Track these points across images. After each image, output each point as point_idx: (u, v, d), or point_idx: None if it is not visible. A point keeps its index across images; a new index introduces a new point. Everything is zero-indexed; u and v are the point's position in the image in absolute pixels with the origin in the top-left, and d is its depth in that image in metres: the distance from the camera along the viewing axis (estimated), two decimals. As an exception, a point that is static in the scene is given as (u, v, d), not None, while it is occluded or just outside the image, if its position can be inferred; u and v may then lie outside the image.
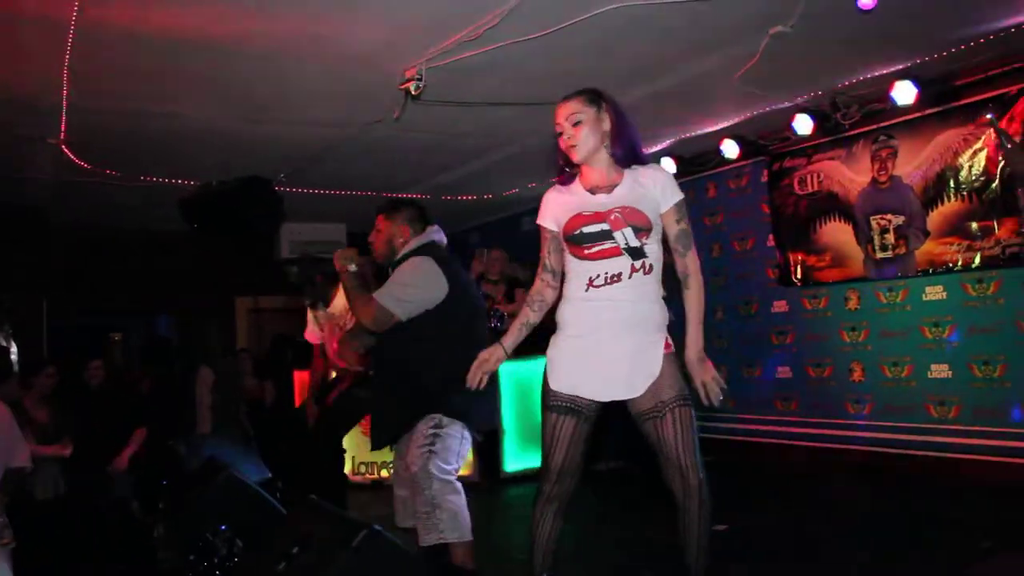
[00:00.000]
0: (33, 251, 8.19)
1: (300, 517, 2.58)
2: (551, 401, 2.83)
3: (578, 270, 2.84)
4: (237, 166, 6.63)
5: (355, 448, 6.82)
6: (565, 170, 2.91)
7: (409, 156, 6.92)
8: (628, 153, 2.86)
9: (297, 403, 7.52)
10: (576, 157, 2.82)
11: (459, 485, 3.51)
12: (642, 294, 2.80)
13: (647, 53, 4.85)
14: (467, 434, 3.61)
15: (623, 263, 2.78)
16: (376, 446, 3.72)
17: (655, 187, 2.86)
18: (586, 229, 2.78)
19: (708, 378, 2.80)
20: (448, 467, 3.47)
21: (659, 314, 2.85)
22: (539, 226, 2.96)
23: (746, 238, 7.22)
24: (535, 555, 2.86)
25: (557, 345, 2.89)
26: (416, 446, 3.47)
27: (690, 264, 2.88)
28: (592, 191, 2.85)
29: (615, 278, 2.77)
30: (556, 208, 2.89)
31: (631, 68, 5.08)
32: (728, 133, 6.62)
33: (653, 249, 2.81)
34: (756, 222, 7.09)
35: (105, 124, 5.58)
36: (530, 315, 2.97)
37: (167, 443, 5.02)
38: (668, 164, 7.24)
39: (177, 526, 3.43)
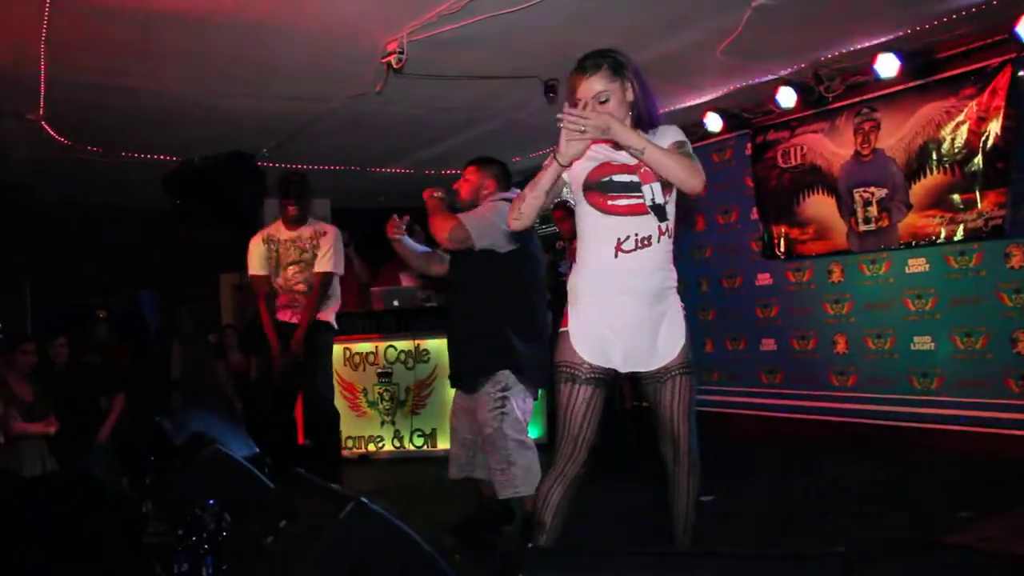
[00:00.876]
0: (15, 230, 8.12)
1: (287, 490, 2.59)
2: (572, 371, 2.71)
3: (602, 228, 2.70)
4: (219, 141, 6.60)
5: (342, 423, 6.83)
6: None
7: (392, 131, 6.88)
8: (649, 120, 2.76)
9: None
10: (602, 136, 2.64)
11: (531, 441, 3.81)
12: (666, 259, 2.77)
13: (629, 25, 4.83)
14: (529, 392, 3.87)
15: (650, 224, 2.69)
16: (454, 384, 4.06)
17: (664, 137, 2.75)
18: (616, 177, 2.68)
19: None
20: (520, 426, 3.77)
21: (675, 279, 2.82)
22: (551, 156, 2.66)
23: (730, 211, 7.24)
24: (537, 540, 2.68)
25: (577, 314, 2.75)
26: (487, 409, 3.75)
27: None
28: (615, 147, 2.71)
29: (645, 242, 2.68)
30: (581, 161, 2.70)
31: (613, 40, 4.98)
32: (711, 106, 6.62)
33: (672, 210, 2.74)
34: (740, 195, 7.10)
35: (85, 99, 5.53)
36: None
37: (153, 418, 5.01)
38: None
39: (165, 501, 3.44)
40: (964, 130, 5.39)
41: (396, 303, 6.92)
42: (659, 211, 2.69)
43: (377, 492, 5.05)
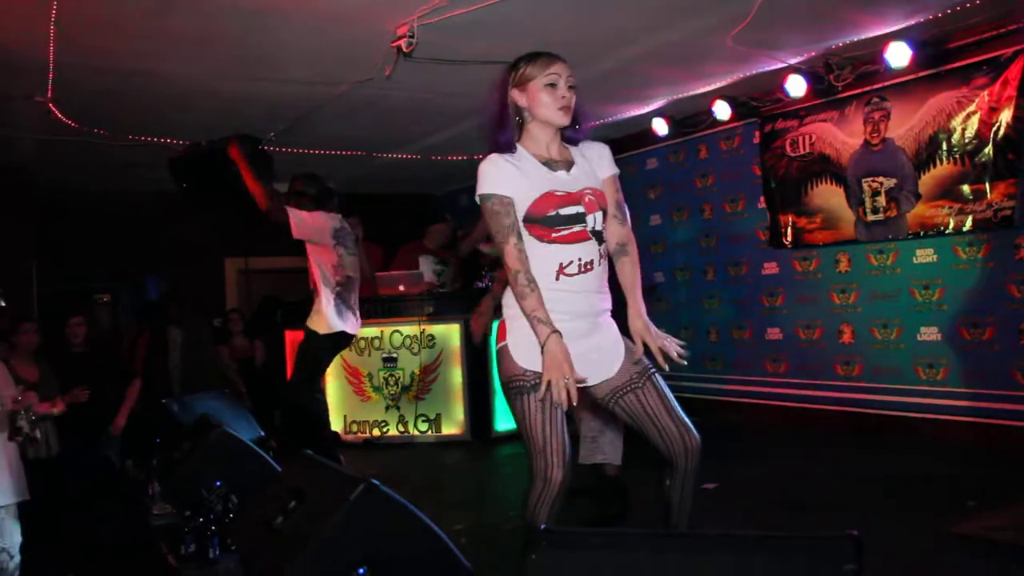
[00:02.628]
0: (21, 214, 8.13)
1: (296, 472, 2.60)
2: (520, 383, 2.60)
3: (542, 255, 2.59)
4: (226, 125, 6.57)
5: (347, 407, 6.87)
6: (503, 136, 2.66)
7: (400, 116, 6.87)
8: (579, 131, 2.75)
9: (288, 363, 7.55)
10: (566, 120, 2.64)
11: None
12: (604, 281, 2.71)
13: (639, 12, 4.81)
14: None
15: (592, 249, 2.63)
16: None
17: (600, 161, 2.76)
18: (562, 211, 2.58)
19: (664, 340, 2.66)
20: None
21: (610, 301, 2.76)
22: (491, 196, 2.58)
23: (737, 200, 7.22)
24: None
25: (512, 329, 2.66)
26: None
27: (629, 233, 2.79)
28: (548, 165, 2.65)
29: (588, 266, 2.62)
30: (517, 180, 2.59)
31: (623, 27, 5.04)
32: (720, 94, 6.59)
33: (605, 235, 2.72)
34: (747, 184, 7.08)
35: (93, 82, 5.52)
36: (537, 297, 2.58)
37: (161, 401, 5.02)
38: (660, 125, 7.23)
39: (171, 483, 3.45)
40: (975, 120, 5.36)
41: (402, 288, 6.92)
42: (599, 237, 2.66)
43: (382, 476, 5.06)
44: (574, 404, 2.44)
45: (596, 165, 2.74)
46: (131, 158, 7.50)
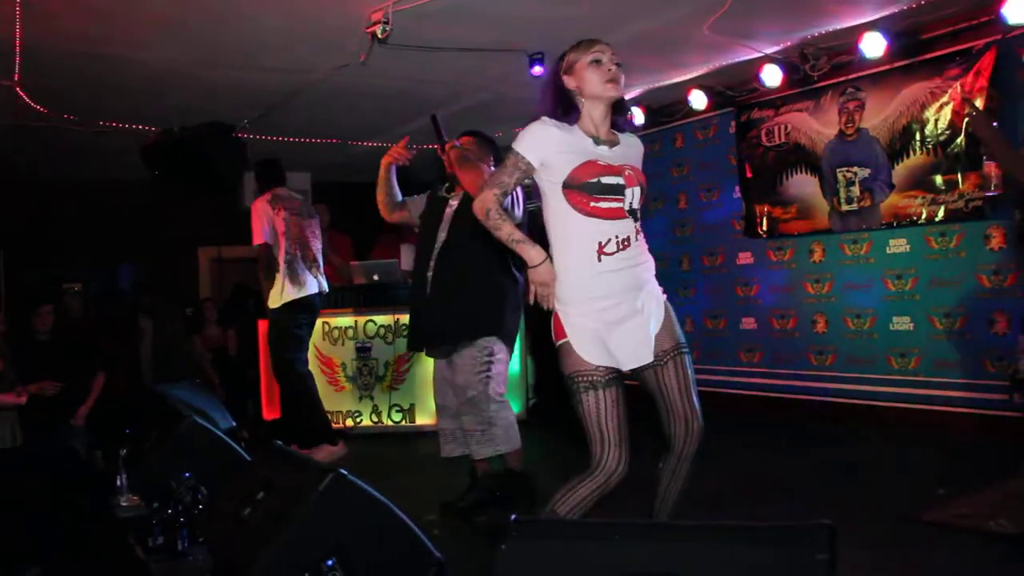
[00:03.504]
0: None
1: (265, 463, 2.56)
2: (590, 378, 2.62)
3: (582, 231, 2.64)
4: (199, 112, 6.50)
5: (320, 397, 6.82)
6: (562, 111, 2.72)
7: (375, 103, 6.81)
8: (627, 120, 2.88)
9: (261, 351, 7.51)
10: (616, 92, 2.70)
11: (508, 402, 3.94)
12: (643, 252, 2.76)
13: (616, 0, 4.79)
14: (508, 356, 4.04)
15: (629, 227, 2.68)
16: (415, 348, 4.22)
17: (639, 152, 2.87)
18: (603, 179, 2.63)
19: None
20: (501, 389, 3.93)
21: (652, 266, 2.84)
22: (514, 152, 2.66)
23: (713, 189, 7.23)
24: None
25: (570, 324, 2.67)
26: (474, 372, 3.86)
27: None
28: (595, 140, 2.71)
29: (625, 243, 2.66)
30: (557, 146, 2.65)
31: (600, 14, 5.01)
32: (696, 84, 6.60)
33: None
34: (723, 173, 7.09)
35: (62, 66, 5.43)
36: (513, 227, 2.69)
37: (130, 391, 4.97)
38: (636, 114, 7.21)
39: (139, 475, 3.40)
40: (948, 111, 5.39)
41: (376, 277, 6.88)
42: (635, 215, 2.71)
43: (355, 467, 5.02)
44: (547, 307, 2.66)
45: (636, 153, 2.84)
46: (102, 145, 7.39)
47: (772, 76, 6.03)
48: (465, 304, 3.90)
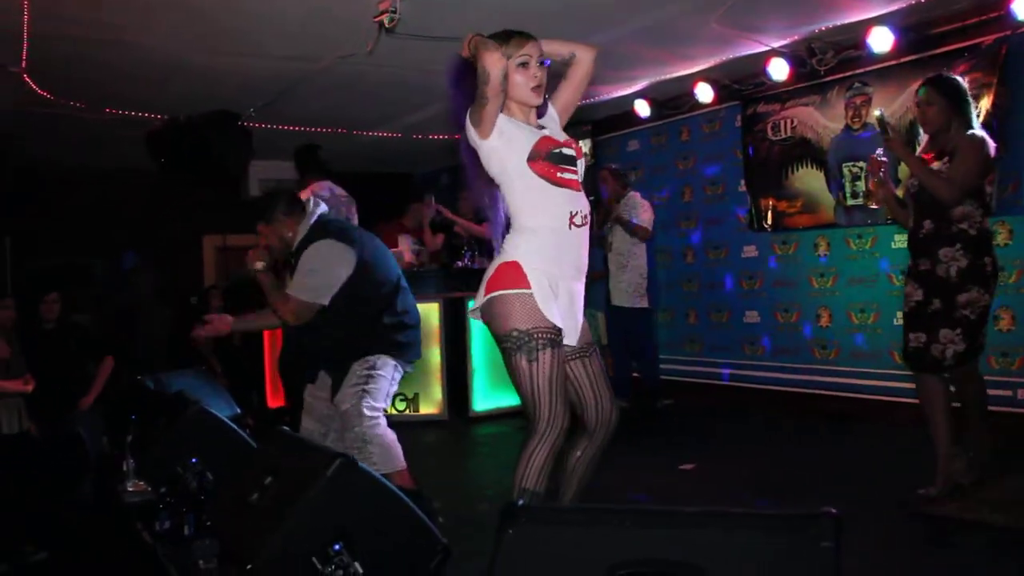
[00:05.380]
0: (-6, 186, 8.02)
1: (272, 449, 2.58)
2: (550, 335, 2.61)
3: (554, 198, 2.66)
4: (205, 99, 6.51)
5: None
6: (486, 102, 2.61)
7: (380, 93, 6.81)
8: (545, 104, 2.85)
9: (266, 340, 7.52)
10: (539, 100, 2.73)
11: (385, 421, 3.67)
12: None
13: (625, -9, 4.79)
14: (398, 374, 3.80)
15: (584, 202, 2.75)
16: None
17: (557, 121, 2.90)
18: (564, 150, 2.71)
19: None
20: (377, 404, 3.64)
21: None
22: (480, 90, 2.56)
23: (718, 183, 7.23)
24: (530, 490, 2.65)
25: (535, 277, 2.63)
26: (349, 385, 3.63)
27: None
28: (535, 126, 2.78)
29: (586, 219, 2.74)
30: (509, 124, 2.66)
31: (608, 5, 5.01)
32: (703, 76, 6.59)
33: None
34: (728, 167, 7.09)
35: (69, 53, 5.43)
36: None
37: (136, 377, 4.97)
38: (642, 106, 7.22)
39: (146, 460, 3.42)
40: (955, 106, 5.37)
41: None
42: (582, 190, 2.78)
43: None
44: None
45: (557, 129, 2.86)
46: (108, 132, 7.40)
47: (779, 70, 6.03)
48: (330, 359, 3.79)
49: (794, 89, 6.35)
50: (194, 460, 2.97)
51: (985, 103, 5.19)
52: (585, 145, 7.95)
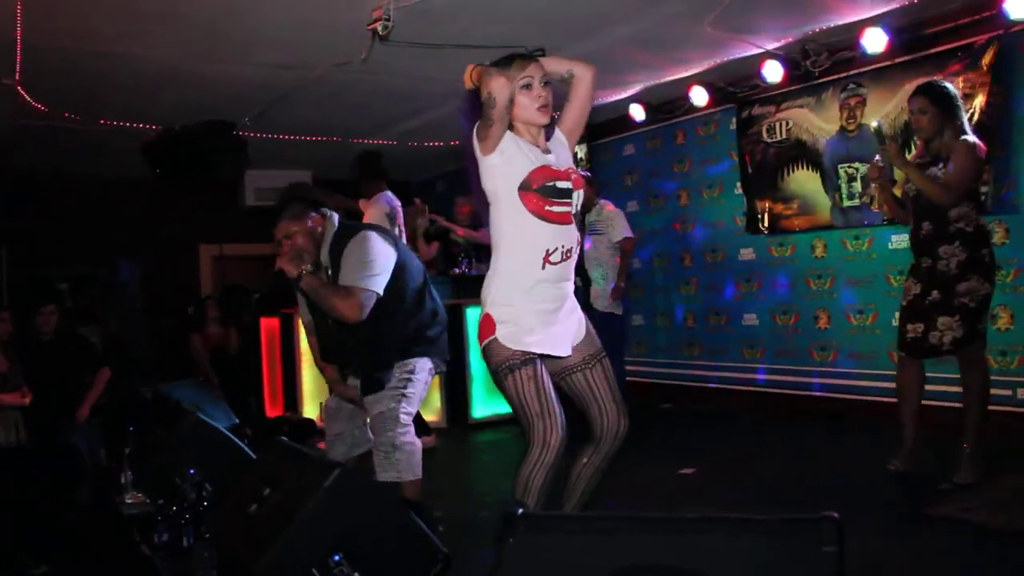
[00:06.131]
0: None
1: (271, 459, 2.57)
2: (517, 358, 2.68)
3: (534, 236, 2.69)
4: (200, 109, 6.50)
5: (323, 394, 6.81)
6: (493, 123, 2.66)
7: (376, 101, 6.81)
8: (553, 122, 2.85)
9: (264, 349, 7.53)
10: (546, 119, 2.73)
11: (413, 428, 3.61)
12: (572, 270, 2.83)
13: (618, -4, 4.80)
14: (430, 376, 3.74)
15: (573, 235, 2.76)
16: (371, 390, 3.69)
17: (566, 149, 2.90)
18: (559, 184, 2.70)
19: None
20: (412, 411, 3.60)
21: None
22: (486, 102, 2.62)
23: (714, 186, 7.23)
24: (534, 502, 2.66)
25: (501, 319, 2.70)
26: (388, 387, 3.56)
27: None
28: (542, 150, 2.78)
29: (567, 254, 2.74)
30: (514, 144, 2.69)
31: (600, 11, 5.02)
32: (697, 80, 6.59)
33: None
34: (724, 170, 7.09)
35: (63, 64, 5.43)
36: None
37: (133, 389, 4.96)
38: (637, 111, 7.22)
39: (144, 471, 3.41)
40: (950, 106, 5.38)
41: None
42: (577, 220, 2.79)
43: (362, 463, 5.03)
44: None
45: (567, 151, 2.89)
46: (104, 142, 7.39)
47: (773, 72, 6.03)
48: (372, 359, 3.66)
49: (789, 91, 6.35)
50: (192, 471, 2.96)
51: (979, 102, 5.20)
52: (581, 150, 7.95)
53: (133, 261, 9.25)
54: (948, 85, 4.15)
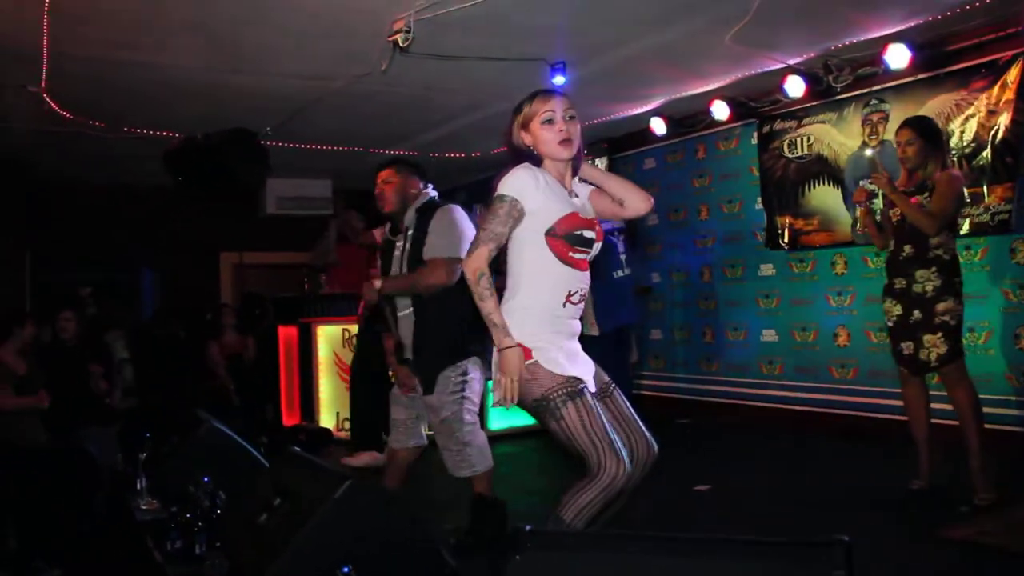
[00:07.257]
0: (16, 203, 8.09)
1: (282, 469, 2.57)
2: (568, 388, 2.57)
3: (557, 277, 2.66)
4: (222, 118, 6.56)
5: (339, 404, 6.84)
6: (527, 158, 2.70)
7: (396, 112, 6.84)
8: (579, 157, 2.79)
9: (281, 357, 7.54)
10: (568, 153, 2.69)
11: (478, 422, 3.85)
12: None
13: (638, 10, 4.79)
14: (484, 379, 3.90)
15: (587, 280, 2.74)
16: (428, 391, 3.81)
17: (587, 200, 2.86)
18: (585, 233, 2.67)
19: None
20: (475, 409, 3.83)
21: None
22: (506, 199, 2.60)
23: (734, 200, 7.20)
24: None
25: (535, 344, 2.61)
26: (447, 392, 3.73)
27: None
28: (569, 193, 2.75)
29: (582, 296, 2.72)
30: (544, 194, 2.63)
31: (621, 25, 5.02)
32: (719, 94, 6.57)
33: None
34: (745, 185, 7.06)
35: (88, 72, 5.49)
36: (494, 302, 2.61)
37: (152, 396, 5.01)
38: (658, 124, 7.21)
39: (158, 478, 3.42)
40: (973, 123, 5.34)
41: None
42: (590, 267, 2.78)
43: (374, 472, 5.04)
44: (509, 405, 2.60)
45: (589, 201, 2.85)
46: (127, 150, 7.46)
47: (795, 87, 6.00)
48: (431, 343, 3.78)
49: (810, 106, 6.33)
50: (206, 479, 2.97)
51: (1004, 120, 5.15)
52: (601, 163, 7.94)
53: (153, 269, 9.32)
54: (933, 120, 4.49)
